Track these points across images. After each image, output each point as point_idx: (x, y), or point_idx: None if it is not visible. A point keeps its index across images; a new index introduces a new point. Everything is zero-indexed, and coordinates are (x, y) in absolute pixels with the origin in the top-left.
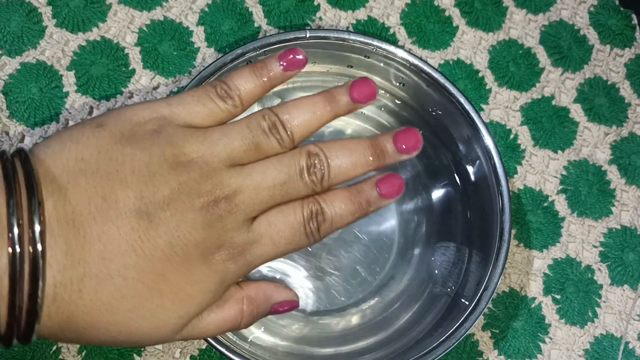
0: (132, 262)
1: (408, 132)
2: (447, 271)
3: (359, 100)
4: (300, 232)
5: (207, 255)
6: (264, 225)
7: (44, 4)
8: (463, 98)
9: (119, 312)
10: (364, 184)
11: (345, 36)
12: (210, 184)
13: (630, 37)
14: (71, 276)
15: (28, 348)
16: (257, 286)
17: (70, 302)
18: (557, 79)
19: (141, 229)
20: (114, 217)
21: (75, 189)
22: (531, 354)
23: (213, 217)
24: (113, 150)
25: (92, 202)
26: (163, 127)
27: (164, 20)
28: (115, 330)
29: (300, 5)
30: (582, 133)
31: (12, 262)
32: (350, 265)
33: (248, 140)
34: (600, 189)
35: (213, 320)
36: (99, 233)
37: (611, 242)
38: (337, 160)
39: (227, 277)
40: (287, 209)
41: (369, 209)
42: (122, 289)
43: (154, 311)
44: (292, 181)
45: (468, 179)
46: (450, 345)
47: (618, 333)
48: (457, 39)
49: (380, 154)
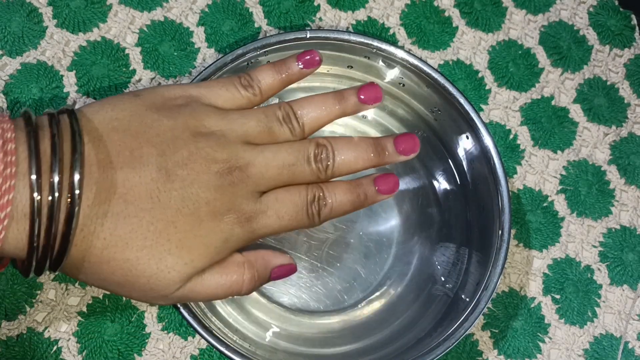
0: (148, 207)
1: (407, 137)
2: (447, 271)
3: (365, 101)
4: (303, 212)
5: (216, 215)
6: (271, 200)
7: (44, 4)
8: (463, 98)
9: (131, 250)
10: (363, 179)
11: (345, 37)
12: (227, 153)
13: (629, 37)
14: (97, 211)
15: (28, 348)
16: (255, 252)
17: (94, 234)
18: (557, 79)
19: (160, 181)
20: (137, 167)
21: (109, 141)
22: (531, 354)
23: (225, 182)
24: (144, 115)
25: (121, 154)
26: (189, 103)
27: (164, 20)
28: (126, 268)
29: (301, 5)
30: (582, 133)
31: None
32: (351, 265)
33: (263, 124)
34: (599, 189)
35: (214, 281)
36: (123, 179)
37: (611, 242)
38: (342, 153)
39: (232, 239)
40: (293, 189)
41: (366, 201)
42: (137, 229)
43: (161, 254)
44: (300, 165)
45: (468, 179)
46: (450, 345)
47: (617, 333)
48: (457, 39)
49: (381, 152)
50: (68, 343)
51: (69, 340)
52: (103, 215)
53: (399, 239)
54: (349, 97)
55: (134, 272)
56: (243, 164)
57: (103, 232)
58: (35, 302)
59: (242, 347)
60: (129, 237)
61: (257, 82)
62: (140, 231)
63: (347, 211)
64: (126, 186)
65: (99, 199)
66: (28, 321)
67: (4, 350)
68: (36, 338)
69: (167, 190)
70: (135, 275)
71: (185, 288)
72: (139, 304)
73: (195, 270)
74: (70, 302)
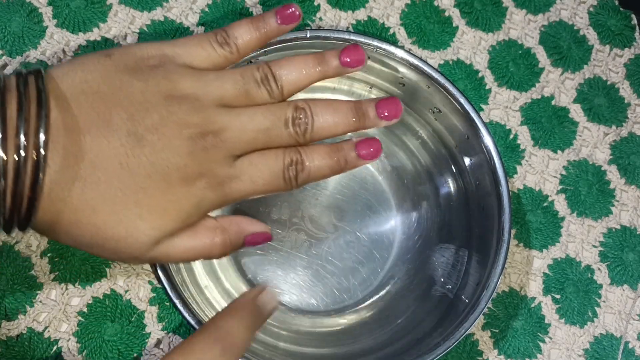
0: (117, 172)
1: (390, 100)
2: (447, 272)
3: (347, 64)
4: (279, 176)
5: (187, 180)
6: (245, 164)
7: (44, 4)
8: (463, 98)
9: (99, 215)
10: (344, 143)
11: (346, 36)
12: (200, 117)
13: (629, 37)
14: (65, 177)
15: (28, 348)
16: (229, 218)
17: (61, 199)
18: (557, 79)
19: (129, 146)
20: (106, 132)
21: (76, 105)
22: (531, 354)
23: (197, 147)
24: (114, 76)
25: (89, 118)
26: (163, 64)
27: (164, 20)
28: (94, 232)
29: (301, 5)
30: (582, 133)
31: (18, 157)
32: (351, 265)
33: (239, 86)
34: (599, 189)
35: (185, 244)
36: (92, 144)
37: (611, 242)
38: (321, 117)
39: (204, 203)
40: (269, 153)
41: (346, 166)
42: (105, 194)
43: (130, 219)
44: (277, 129)
45: (468, 179)
46: (450, 344)
47: (618, 333)
48: (457, 39)
49: (361, 116)
50: (68, 343)
51: (69, 340)
52: (71, 180)
53: (399, 239)
54: (330, 59)
55: (102, 236)
56: (217, 128)
57: (71, 197)
58: (35, 302)
59: None
60: (97, 202)
61: (234, 39)
62: (108, 196)
63: (325, 175)
64: (94, 151)
65: (67, 163)
66: (28, 321)
67: (4, 350)
68: (36, 338)
69: (137, 155)
70: (104, 239)
71: (155, 250)
72: (139, 304)
73: (165, 234)
74: (70, 302)
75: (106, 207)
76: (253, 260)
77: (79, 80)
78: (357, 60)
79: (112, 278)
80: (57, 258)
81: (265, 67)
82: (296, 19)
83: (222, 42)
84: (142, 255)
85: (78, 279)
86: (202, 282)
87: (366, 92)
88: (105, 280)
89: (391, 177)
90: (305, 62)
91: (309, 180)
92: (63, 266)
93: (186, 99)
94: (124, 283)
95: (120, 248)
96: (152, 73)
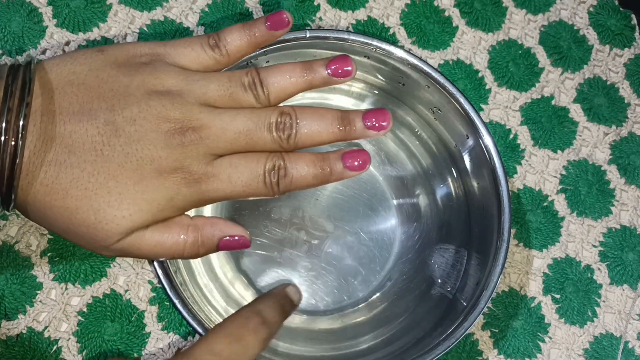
0: (91, 159)
1: (378, 112)
2: (446, 273)
3: (334, 75)
4: (259, 180)
5: (161, 173)
6: (225, 164)
7: (44, 4)
8: (463, 98)
9: (71, 199)
10: (331, 153)
11: (345, 36)
12: (180, 113)
13: (629, 37)
14: (43, 159)
15: (28, 348)
16: (206, 218)
17: (38, 181)
18: (557, 79)
19: (105, 135)
20: (85, 120)
21: (61, 94)
22: (531, 354)
23: (175, 142)
24: (101, 70)
25: (72, 106)
26: (152, 62)
27: (164, 20)
28: (66, 215)
29: (300, 5)
30: (582, 133)
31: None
32: (351, 264)
33: (224, 88)
34: (599, 189)
35: (155, 238)
36: (70, 130)
37: (611, 242)
38: (306, 124)
39: (177, 198)
40: (251, 156)
41: (331, 176)
42: (78, 179)
43: (100, 206)
44: (259, 132)
45: (468, 179)
46: (450, 344)
47: (617, 332)
48: (457, 39)
49: (347, 126)
50: (68, 343)
51: (69, 340)
52: (48, 163)
53: (399, 239)
54: (318, 68)
55: (73, 221)
56: (197, 125)
57: (46, 179)
58: (35, 302)
59: None
60: (70, 186)
61: (225, 42)
62: (81, 182)
63: (309, 184)
64: (72, 137)
65: (45, 147)
66: (28, 321)
67: (4, 350)
68: (36, 338)
69: (112, 144)
70: (75, 224)
71: (125, 241)
72: (139, 304)
73: (134, 224)
74: (70, 302)
75: (78, 191)
76: (253, 260)
77: (68, 71)
78: (345, 71)
79: (112, 278)
80: (57, 258)
81: (253, 72)
82: (285, 25)
83: (213, 45)
84: (111, 245)
85: (78, 278)
86: (201, 281)
87: (365, 92)
88: (105, 280)
89: (391, 176)
90: (293, 70)
91: (292, 187)
92: (63, 266)
93: (168, 94)
94: (124, 283)
95: (91, 234)
96: (140, 69)
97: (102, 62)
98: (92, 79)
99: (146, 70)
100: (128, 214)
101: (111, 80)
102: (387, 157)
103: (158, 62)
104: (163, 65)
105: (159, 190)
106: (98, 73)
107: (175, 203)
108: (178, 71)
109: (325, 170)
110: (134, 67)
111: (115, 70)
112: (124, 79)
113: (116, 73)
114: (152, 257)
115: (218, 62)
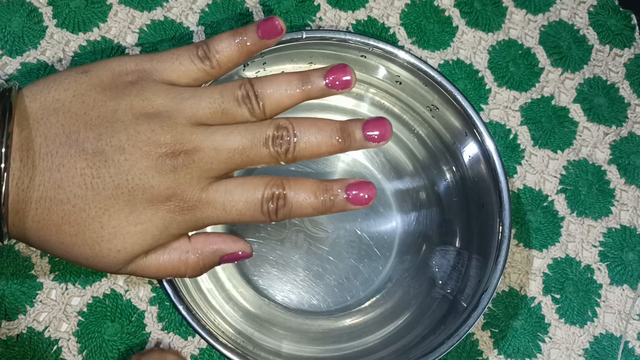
0: (82, 193)
1: (378, 122)
2: (446, 274)
3: (332, 86)
4: (256, 209)
5: (153, 202)
6: (220, 191)
7: (44, 4)
8: (463, 98)
9: (65, 235)
10: (335, 183)
11: (342, 36)
12: (170, 136)
13: (629, 37)
14: (31, 196)
15: (28, 348)
16: (205, 239)
17: (29, 218)
18: (557, 79)
19: (95, 167)
20: (73, 152)
21: (47, 125)
22: (531, 354)
23: (167, 168)
24: (87, 95)
25: (58, 137)
26: (139, 80)
27: (164, 20)
28: (62, 249)
29: (300, 5)
30: (582, 133)
31: None
32: (352, 264)
33: (216, 105)
34: (599, 189)
35: (156, 263)
36: (58, 164)
37: (611, 242)
38: (304, 136)
39: (172, 226)
40: (248, 183)
41: (332, 208)
42: (69, 215)
43: (95, 241)
44: (255, 148)
45: (468, 179)
46: (450, 344)
47: (617, 332)
48: (457, 39)
49: (347, 138)
50: (68, 343)
51: (69, 340)
52: (37, 200)
53: (400, 238)
54: (315, 79)
55: (72, 253)
56: (189, 148)
57: (37, 216)
58: (35, 302)
59: (245, 349)
60: (62, 223)
61: (215, 52)
62: (72, 217)
63: (308, 215)
64: (60, 171)
65: (33, 183)
66: (28, 321)
67: (4, 350)
68: (36, 338)
69: (102, 176)
70: (74, 256)
71: (126, 269)
72: (139, 304)
73: (131, 255)
74: (70, 302)
75: (71, 227)
76: (253, 261)
77: (52, 99)
78: (343, 82)
79: (112, 278)
80: (57, 258)
81: (247, 84)
82: (278, 33)
83: (203, 57)
84: (115, 272)
85: (78, 278)
86: (204, 286)
87: (363, 92)
88: (105, 280)
89: (391, 176)
90: (289, 82)
91: (291, 216)
92: (63, 266)
93: (158, 117)
94: (124, 283)
95: (91, 265)
96: (126, 91)
97: (87, 85)
98: (78, 105)
99: (133, 91)
100: (123, 247)
101: (97, 105)
102: (386, 157)
103: (145, 81)
104: (150, 83)
105: (153, 221)
106: (83, 98)
107: (170, 231)
108: (167, 89)
109: (326, 202)
110: (120, 89)
111: (101, 95)
112: (111, 103)
113: (102, 97)
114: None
115: (208, 74)
